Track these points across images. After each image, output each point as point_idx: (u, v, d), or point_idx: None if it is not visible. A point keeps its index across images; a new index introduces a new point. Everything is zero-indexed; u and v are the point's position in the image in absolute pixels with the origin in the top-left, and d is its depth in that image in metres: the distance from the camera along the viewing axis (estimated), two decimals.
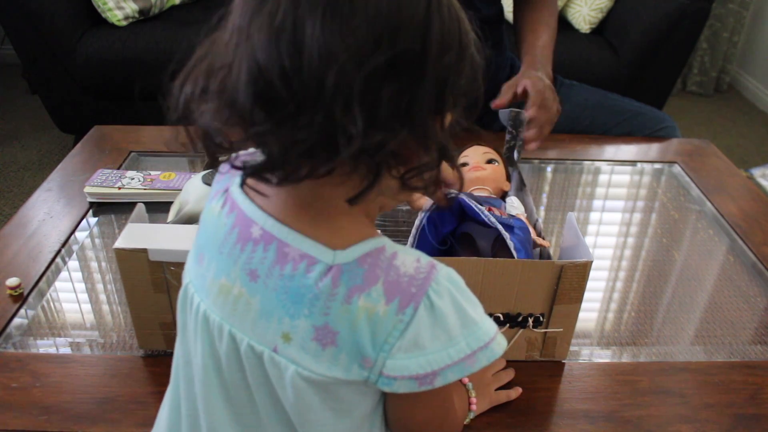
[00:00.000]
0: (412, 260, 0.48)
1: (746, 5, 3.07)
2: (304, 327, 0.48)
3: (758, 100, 3.15)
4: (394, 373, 0.48)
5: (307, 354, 0.48)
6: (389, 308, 0.46)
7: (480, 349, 0.49)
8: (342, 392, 0.50)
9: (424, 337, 0.47)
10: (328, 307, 0.47)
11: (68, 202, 1.08)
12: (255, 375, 0.51)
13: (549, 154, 1.28)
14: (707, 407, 0.76)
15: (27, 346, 0.81)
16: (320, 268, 0.47)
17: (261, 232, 0.49)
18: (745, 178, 1.26)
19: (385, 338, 0.47)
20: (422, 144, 0.45)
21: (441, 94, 0.45)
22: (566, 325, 0.77)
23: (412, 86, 0.43)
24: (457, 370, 0.48)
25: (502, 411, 0.74)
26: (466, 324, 0.49)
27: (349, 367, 0.48)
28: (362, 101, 0.41)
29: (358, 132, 0.41)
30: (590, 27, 2.40)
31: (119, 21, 2.22)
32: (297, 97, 0.41)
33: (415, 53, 0.43)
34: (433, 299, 0.47)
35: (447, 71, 0.45)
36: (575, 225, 0.77)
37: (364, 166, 0.44)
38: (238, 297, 0.50)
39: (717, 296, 0.94)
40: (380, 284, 0.47)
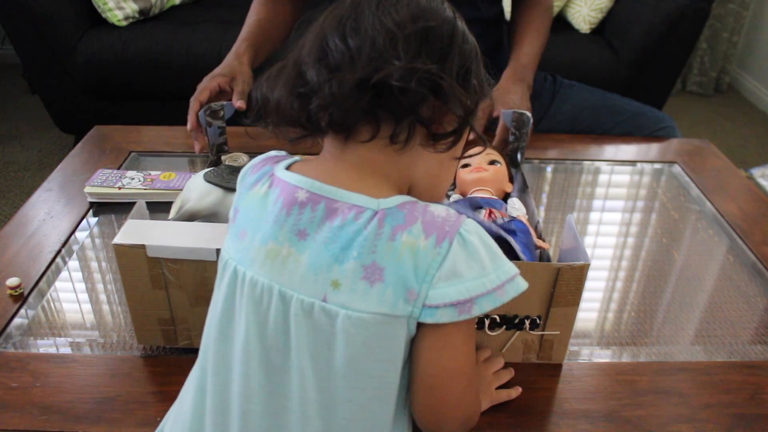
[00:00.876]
0: (443, 209, 0.56)
1: (746, 5, 3.07)
2: (353, 268, 0.53)
3: (758, 100, 3.15)
4: (436, 301, 0.53)
5: (356, 294, 0.53)
6: (428, 242, 0.53)
7: (507, 281, 0.55)
8: (388, 335, 0.54)
9: (461, 267, 0.53)
10: (375, 245, 0.53)
11: (68, 202, 1.08)
12: (301, 334, 0.55)
13: (549, 154, 1.28)
14: (707, 407, 0.76)
15: (27, 346, 0.81)
16: (368, 214, 0.54)
17: (308, 195, 0.55)
18: (745, 178, 1.26)
19: (426, 269, 0.52)
20: (451, 106, 0.54)
21: (466, 74, 0.56)
22: (563, 328, 0.77)
23: (443, 52, 0.54)
24: (490, 298, 0.54)
25: (502, 411, 0.74)
26: (494, 258, 0.55)
27: (395, 302, 0.53)
28: (405, 49, 0.52)
29: (401, 62, 0.51)
30: (590, 27, 2.40)
31: (119, 21, 2.22)
32: (354, 51, 0.53)
33: (446, 31, 0.55)
34: (465, 236, 0.54)
35: (469, 57, 0.56)
36: (574, 227, 0.77)
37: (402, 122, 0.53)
38: (287, 256, 0.55)
39: (717, 296, 0.94)
40: (419, 223, 0.53)
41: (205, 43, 2.19)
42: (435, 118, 0.55)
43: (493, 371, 0.76)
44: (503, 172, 0.98)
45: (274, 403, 0.57)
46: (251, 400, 0.57)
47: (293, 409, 0.57)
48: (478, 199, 0.92)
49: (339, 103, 0.53)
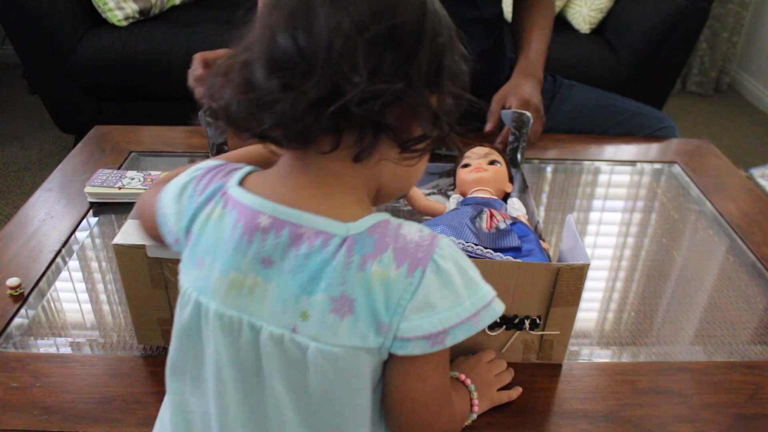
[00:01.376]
0: (416, 230, 0.52)
1: (746, 5, 3.07)
2: (322, 301, 0.50)
3: (758, 100, 3.15)
4: (408, 334, 0.51)
5: (326, 327, 0.51)
6: (399, 272, 0.50)
7: (483, 308, 0.53)
8: (359, 365, 0.52)
9: (434, 298, 0.51)
10: (345, 276, 0.50)
11: (68, 202, 1.08)
12: (272, 362, 0.53)
13: (549, 154, 1.28)
14: (707, 407, 0.76)
15: (27, 346, 0.81)
16: (336, 242, 0.50)
17: (270, 220, 0.52)
18: (744, 178, 1.26)
19: (398, 301, 0.50)
20: (417, 115, 0.50)
21: (436, 72, 0.51)
22: (563, 328, 0.77)
23: (410, 54, 0.49)
24: (464, 328, 0.52)
25: (502, 411, 0.74)
26: (469, 285, 0.52)
27: (366, 335, 0.51)
28: (365, 59, 0.47)
29: (362, 80, 0.46)
30: (590, 27, 2.40)
31: (119, 21, 2.22)
32: (307, 60, 0.47)
33: (413, 27, 0.49)
34: (439, 262, 0.51)
35: (440, 51, 0.51)
36: (574, 227, 0.77)
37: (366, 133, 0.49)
38: (254, 286, 0.52)
39: (717, 296, 0.94)
40: (390, 251, 0.50)
41: (205, 43, 2.19)
42: (402, 124, 0.50)
43: (495, 374, 0.76)
44: (503, 172, 0.98)
45: (254, 423, 0.56)
46: (230, 423, 0.56)
47: (273, 429, 0.56)
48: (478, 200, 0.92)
49: (293, 123, 0.49)
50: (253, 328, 0.52)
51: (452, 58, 0.53)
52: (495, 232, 0.81)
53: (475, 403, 0.70)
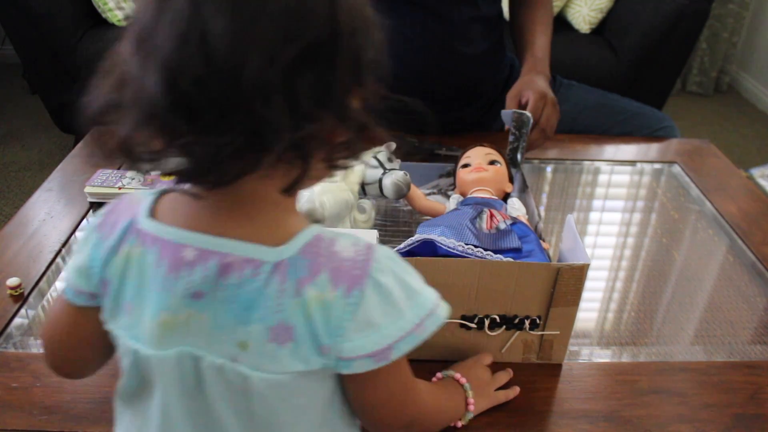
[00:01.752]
0: (350, 244, 0.50)
1: (746, 5, 3.07)
2: (259, 331, 0.48)
3: (758, 100, 3.15)
4: (351, 354, 0.49)
5: (266, 357, 0.49)
6: (337, 293, 0.48)
7: (426, 317, 0.51)
8: (303, 385, 0.52)
9: (375, 315, 0.49)
10: (280, 304, 0.48)
11: (68, 202, 1.08)
12: (215, 389, 0.51)
13: (549, 154, 1.28)
14: (707, 407, 0.76)
15: (27, 346, 0.81)
16: (267, 268, 0.48)
17: (196, 252, 0.48)
18: (744, 178, 1.26)
19: (338, 322, 0.48)
20: (344, 124, 0.47)
21: (356, 73, 0.47)
22: (563, 328, 0.77)
23: (329, 72, 0.44)
24: (409, 340, 0.50)
25: (502, 411, 0.74)
26: (410, 295, 0.51)
27: (308, 359, 0.49)
28: (283, 95, 0.42)
29: (285, 125, 0.42)
30: (590, 27, 2.40)
31: (119, 21, 2.22)
32: (215, 102, 0.42)
33: (326, 41, 0.44)
34: (377, 278, 0.49)
35: (358, 50, 0.47)
36: (574, 227, 0.77)
37: (292, 155, 0.45)
38: (188, 319, 0.50)
39: (717, 296, 0.94)
40: (325, 272, 0.48)
41: None
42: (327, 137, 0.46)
43: (491, 373, 0.76)
44: (503, 172, 0.98)
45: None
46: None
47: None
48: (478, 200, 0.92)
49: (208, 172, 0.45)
50: (193, 358, 0.51)
51: (371, 49, 0.48)
52: (495, 232, 0.81)
53: (471, 401, 0.70)
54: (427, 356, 0.80)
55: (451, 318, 0.76)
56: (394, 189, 0.92)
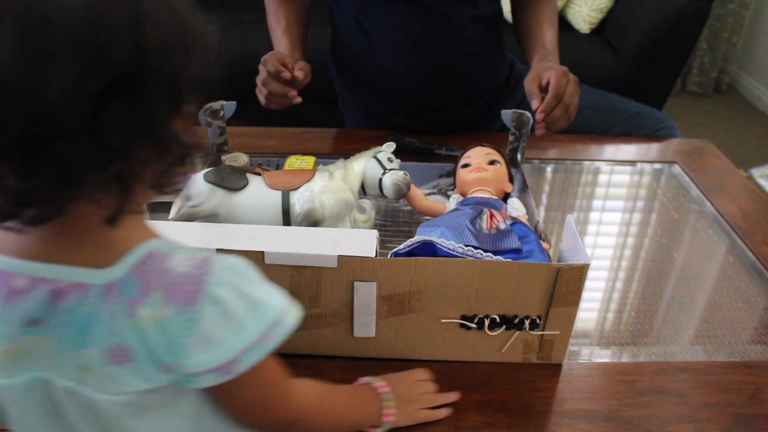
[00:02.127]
0: (184, 258, 0.48)
1: (746, 5, 3.07)
2: (96, 354, 0.48)
3: (758, 100, 3.15)
4: (194, 370, 0.48)
5: (108, 379, 0.49)
6: (172, 310, 0.47)
7: (272, 327, 0.50)
8: (156, 401, 0.51)
9: (214, 330, 0.48)
10: (114, 325, 0.47)
11: None
12: (71, 410, 0.51)
13: (549, 154, 1.28)
14: (707, 407, 0.76)
15: None
16: (97, 291, 0.47)
17: (27, 281, 0.47)
18: (744, 178, 1.26)
19: (176, 340, 0.47)
20: (165, 149, 0.46)
21: (174, 95, 0.45)
22: (563, 328, 0.77)
23: (141, 103, 0.42)
24: (255, 351, 0.49)
25: (502, 411, 0.74)
26: (252, 307, 0.49)
27: (152, 377, 0.49)
28: (89, 135, 0.40)
29: (93, 166, 0.41)
30: (590, 27, 2.40)
31: None
32: (17, 144, 0.40)
33: (133, 71, 0.41)
34: (214, 291, 0.48)
35: (174, 73, 0.44)
36: (574, 227, 0.77)
37: (113, 186, 0.44)
38: (31, 346, 0.49)
39: (717, 296, 0.94)
40: (158, 290, 0.47)
41: None
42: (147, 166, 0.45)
43: (420, 392, 0.74)
44: (503, 172, 0.98)
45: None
46: None
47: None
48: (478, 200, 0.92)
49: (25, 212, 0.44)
50: (43, 382, 0.50)
51: (195, 66, 0.46)
52: (495, 232, 0.81)
53: (388, 413, 0.69)
54: (427, 356, 0.80)
55: (451, 318, 0.76)
56: (394, 189, 0.92)
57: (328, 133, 1.34)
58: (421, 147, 1.21)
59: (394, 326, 0.77)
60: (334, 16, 1.31)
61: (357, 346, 0.79)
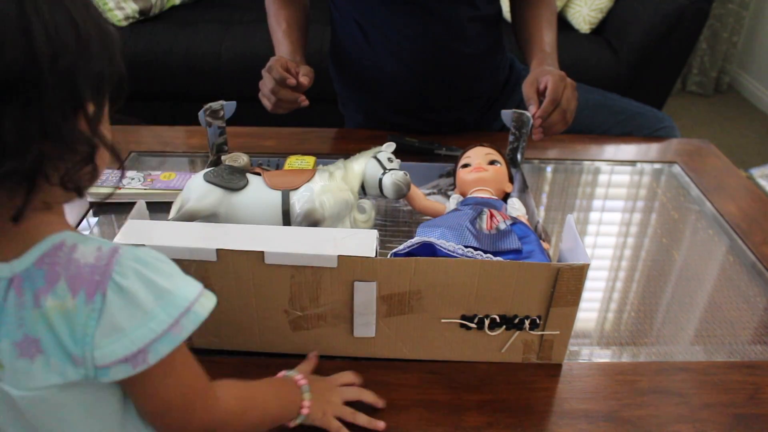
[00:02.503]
0: (93, 250, 0.49)
1: (746, 5, 3.07)
2: (6, 348, 0.48)
3: (758, 100, 3.15)
4: (104, 361, 0.48)
5: (20, 374, 0.48)
6: (77, 301, 0.47)
7: (182, 316, 0.50)
8: (71, 399, 0.51)
9: (120, 319, 0.48)
10: (21, 317, 0.47)
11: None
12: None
13: (549, 154, 1.28)
14: (707, 407, 0.76)
15: None
16: (3, 284, 0.47)
17: None
18: (744, 178, 1.26)
19: (83, 330, 0.47)
20: (68, 148, 0.46)
21: (73, 95, 0.46)
22: (563, 328, 0.77)
23: (34, 104, 0.43)
24: (165, 341, 0.49)
25: (501, 411, 0.74)
26: (160, 296, 0.49)
27: (64, 370, 0.48)
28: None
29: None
30: (590, 27, 2.40)
31: (119, 21, 2.23)
32: None
33: (23, 73, 0.42)
34: (119, 281, 0.48)
35: (70, 72, 0.45)
36: (574, 227, 0.77)
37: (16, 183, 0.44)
38: None
39: (717, 296, 0.94)
40: (63, 280, 0.47)
41: (205, 43, 2.19)
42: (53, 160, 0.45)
43: (341, 397, 0.72)
44: (503, 172, 0.98)
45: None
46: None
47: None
48: (478, 200, 0.92)
49: None
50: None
51: (90, 65, 0.47)
52: (495, 232, 0.81)
53: (305, 404, 0.68)
54: (427, 356, 0.80)
55: (451, 318, 0.76)
56: (394, 189, 0.92)
57: (328, 133, 1.34)
58: (421, 147, 1.21)
59: (394, 326, 0.77)
60: (334, 17, 1.31)
61: (357, 346, 0.79)
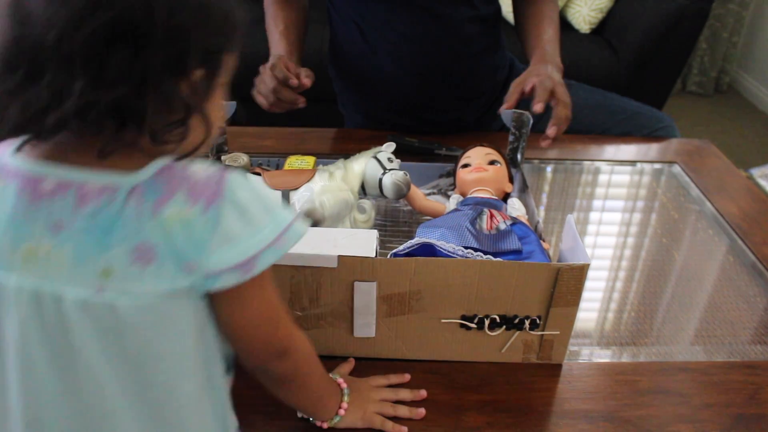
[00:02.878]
0: (203, 168, 0.52)
1: (746, 5, 3.07)
2: (121, 254, 0.49)
3: (758, 100, 3.15)
4: (216, 267, 0.51)
5: (131, 280, 0.50)
6: (196, 209, 0.50)
7: (285, 231, 0.53)
8: (172, 309, 0.52)
9: (235, 228, 0.51)
10: (140, 225, 0.49)
11: None
12: (82, 332, 0.51)
13: (549, 154, 1.28)
14: (707, 407, 0.76)
15: None
16: (122, 194, 0.49)
17: (55, 183, 0.50)
18: (745, 178, 1.26)
19: (200, 237, 0.50)
20: (165, 104, 0.49)
21: (181, 57, 0.49)
22: (563, 328, 0.77)
23: (141, 49, 0.46)
24: (271, 252, 0.52)
25: (501, 411, 0.74)
26: (267, 210, 0.53)
27: (175, 277, 0.50)
28: (85, 63, 0.45)
29: (80, 86, 0.45)
30: (590, 27, 2.40)
31: None
32: (25, 62, 0.46)
33: (139, 15, 0.46)
34: (233, 193, 0.51)
35: (182, 32, 0.48)
36: (574, 227, 0.77)
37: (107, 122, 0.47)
38: (48, 253, 0.50)
39: (717, 296, 0.94)
40: (182, 191, 0.50)
41: None
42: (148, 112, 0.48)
43: (379, 396, 0.74)
44: (503, 172, 0.98)
45: (73, 407, 0.54)
46: (42, 415, 0.54)
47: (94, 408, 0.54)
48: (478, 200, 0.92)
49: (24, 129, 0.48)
50: (55, 299, 0.50)
51: (204, 33, 0.50)
52: (495, 233, 0.81)
53: (343, 405, 0.70)
54: (427, 356, 0.80)
55: (451, 318, 0.76)
56: (394, 189, 0.92)
57: (328, 133, 1.34)
58: (421, 147, 1.21)
59: (394, 326, 0.77)
60: (332, 17, 1.31)
61: (357, 346, 0.79)
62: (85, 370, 0.52)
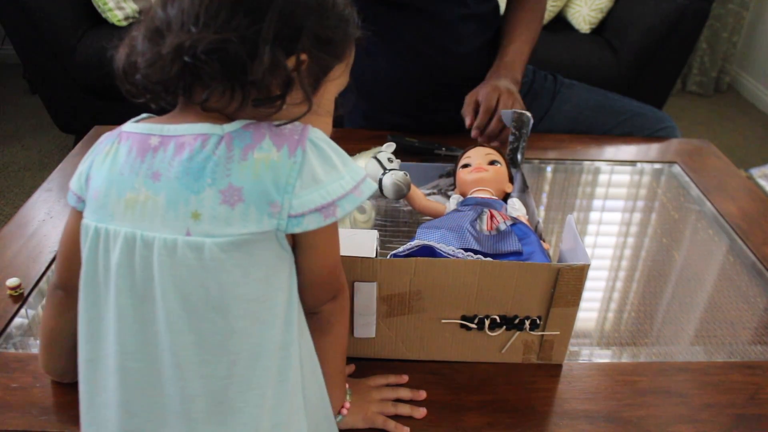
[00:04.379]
0: (287, 122, 0.57)
1: (746, 5, 3.07)
2: (210, 196, 0.54)
3: (758, 100, 3.15)
4: (300, 209, 0.54)
5: (219, 221, 0.53)
6: (282, 153, 0.54)
7: (361, 182, 0.57)
8: (258, 253, 0.55)
9: (319, 173, 0.55)
10: (228, 168, 0.54)
11: (68, 203, 1.08)
12: (166, 277, 0.54)
13: (549, 154, 1.28)
14: (707, 407, 0.76)
15: (27, 346, 0.81)
16: (214, 140, 0.55)
17: (159, 139, 0.57)
18: (745, 178, 1.26)
19: (286, 179, 0.54)
20: (270, 72, 0.54)
21: (291, 36, 0.55)
22: (563, 329, 0.77)
23: (259, 15, 0.53)
24: (350, 199, 0.56)
25: (501, 411, 0.74)
26: (345, 162, 0.58)
27: (260, 219, 0.54)
28: (211, 16, 0.53)
29: (197, 30, 0.53)
30: (590, 27, 2.40)
31: (119, 21, 2.23)
32: (169, 23, 0.54)
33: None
34: (315, 142, 0.56)
35: (297, 13, 0.55)
36: (574, 228, 0.77)
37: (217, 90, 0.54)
38: (145, 201, 0.55)
39: (717, 296, 0.94)
40: (268, 138, 0.55)
41: None
42: (260, 82, 0.54)
43: (380, 397, 0.74)
44: (503, 172, 0.98)
45: (149, 354, 0.56)
46: (128, 356, 0.57)
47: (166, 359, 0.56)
48: (478, 200, 0.92)
49: (153, 75, 0.55)
50: (146, 244, 0.54)
51: (321, 23, 0.57)
52: (496, 233, 0.81)
53: (347, 405, 0.70)
54: (427, 357, 0.80)
55: (452, 318, 0.76)
56: (394, 189, 0.92)
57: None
58: (421, 147, 1.21)
59: (395, 327, 0.77)
60: None
61: (357, 346, 0.79)
62: (163, 320, 0.55)
